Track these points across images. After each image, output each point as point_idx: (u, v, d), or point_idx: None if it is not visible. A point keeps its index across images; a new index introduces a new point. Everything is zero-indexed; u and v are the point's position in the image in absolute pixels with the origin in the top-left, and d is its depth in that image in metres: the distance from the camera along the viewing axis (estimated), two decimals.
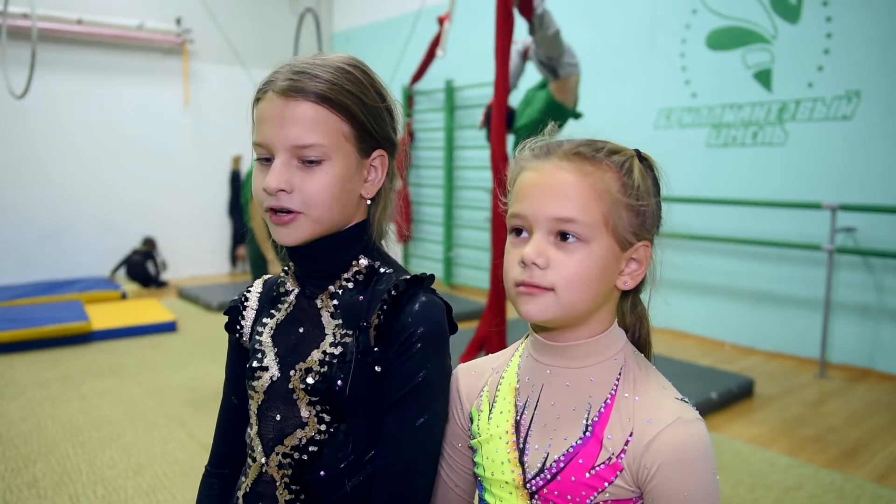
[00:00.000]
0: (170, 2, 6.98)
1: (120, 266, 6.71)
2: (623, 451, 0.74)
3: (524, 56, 3.74)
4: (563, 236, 0.76)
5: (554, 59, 3.29)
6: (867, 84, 3.88)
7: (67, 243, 6.60)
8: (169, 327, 4.99)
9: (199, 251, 7.39)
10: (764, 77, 4.34)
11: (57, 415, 3.33)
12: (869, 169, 3.90)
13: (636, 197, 0.77)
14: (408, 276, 0.85)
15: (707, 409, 3.27)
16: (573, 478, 0.76)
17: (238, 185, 7.32)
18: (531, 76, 4.59)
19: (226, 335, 1.01)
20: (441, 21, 3.86)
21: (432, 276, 0.87)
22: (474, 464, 0.87)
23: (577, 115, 3.49)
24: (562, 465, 0.76)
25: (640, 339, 0.86)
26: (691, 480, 0.72)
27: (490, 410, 0.86)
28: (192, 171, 7.26)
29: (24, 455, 2.88)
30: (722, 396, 3.40)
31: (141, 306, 5.53)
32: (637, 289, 0.83)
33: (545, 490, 0.77)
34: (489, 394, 0.87)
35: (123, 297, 5.96)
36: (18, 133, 6.28)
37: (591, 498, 0.75)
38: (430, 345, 0.83)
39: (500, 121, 3.13)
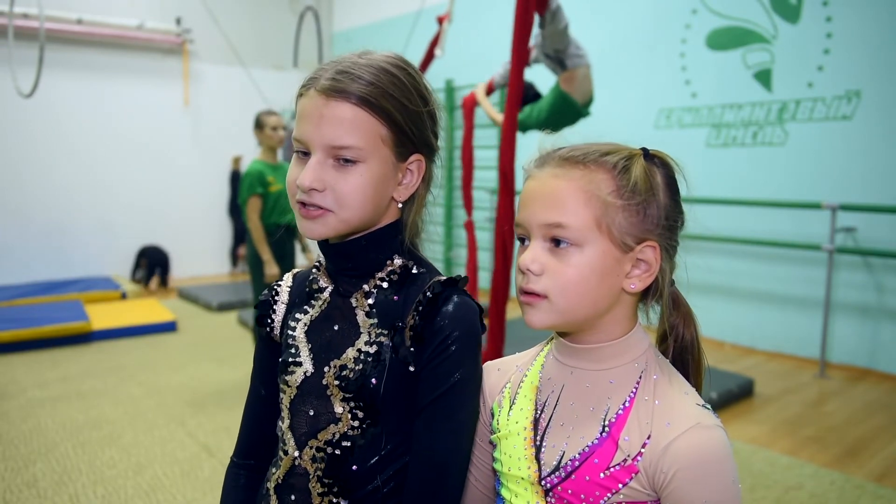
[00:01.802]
0: (170, 2, 6.98)
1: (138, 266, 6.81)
2: (640, 453, 0.74)
3: None
4: (557, 242, 0.76)
5: (561, 52, 3.29)
6: (867, 84, 3.88)
7: (67, 243, 6.60)
8: (169, 327, 4.99)
9: (199, 251, 7.39)
10: (764, 77, 4.34)
11: (57, 415, 3.33)
12: (869, 169, 3.90)
13: (631, 197, 0.76)
14: (442, 278, 0.86)
15: None
16: (587, 477, 0.76)
17: (238, 185, 7.32)
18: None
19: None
20: (440, 21, 3.85)
21: (466, 279, 0.88)
22: (494, 459, 0.88)
23: (585, 113, 3.46)
24: (577, 463, 0.77)
25: (683, 343, 0.84)
26: (709, 487, 0.71)
27: (510, 407, 0.87)
28: (192, 171, 7.26)
29: (24, 455, 2.88)
30: (722, 396, 3.40)
31: (141, 306, 5.53)
32: (653, 291, 0.82)
33: (559, 488, 0.78)
34: (511, 390, 0.88)
35: (123, 297, 5.96)
36: (19, 133, 6.28)
37: (605, 498, 0.75)
38: (465, 347, 0.83)
39: (511, 129, 3.05)
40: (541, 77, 4.04)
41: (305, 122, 0.83)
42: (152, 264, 6.81)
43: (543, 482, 0.79)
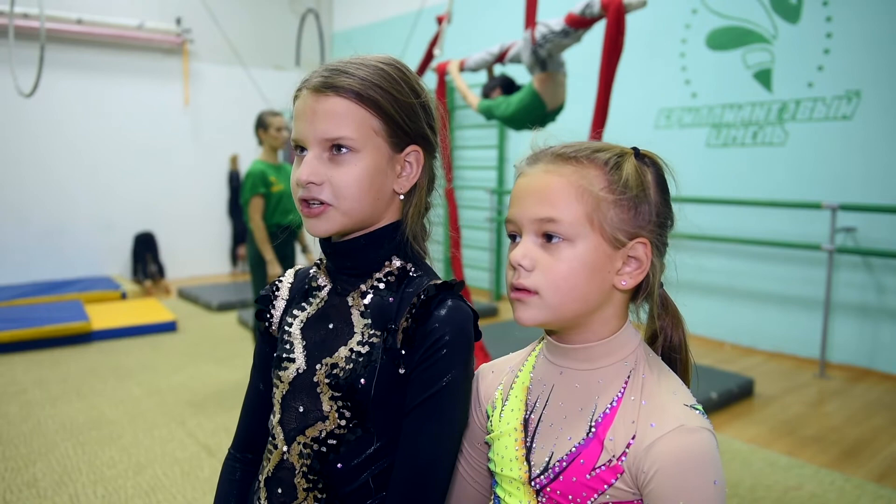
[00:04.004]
0: (170, 2, 6.98)
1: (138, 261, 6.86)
2: (624, 453, 0.74)
3: (499, 57, 3.71)
4: (549, 237, 0.76)
5: (550, 57, 3.32)
6: (867, 84, 3.88)
7: (67, 243, 6.60)
8: (169, 327, 4.99)
9: (199, 251, 7.39)
10: (764, 77, 4.34)
11: (57, 415, 3.33)
12: (869, 169, 3.90)
13: (622, 192, 0.76)
14: (437, 282, 0.86)
15: (707, 409, 3.26)
16: (574, 478, 0.76)
17: (237, 184, 7.32)
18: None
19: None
20: (440, 21, 3.85)
21: (462, 283, 0.89)
22: (489, 459, 0.89)
23: (551, 118, 3.48)
24: (564, 464, 0.77)
25: (672, 344, 0.84)
26: (688, 489, 0.70)
27: (502, 408, 0.87)
28: (192, 171, 7.26)
29: (24, 455, 2.88)
30: (722, 396, 3.40)
31: (141, 306, 5.54)
32: (643, 290, 0.81)
33: (549, 489, 0.78)
34: (503, 391, 0.89)
35: (123, 297, 5.96)
36: (18, 133, 6.28)
37: (592, 499, 0.75)
38: (456, 351, 0.84)
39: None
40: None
41: (300, 120, 0.86)
42: (142, 251, 6.82)
43: (533, 483, 0.80)
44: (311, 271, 0.97)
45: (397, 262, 0.90)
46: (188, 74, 7.12)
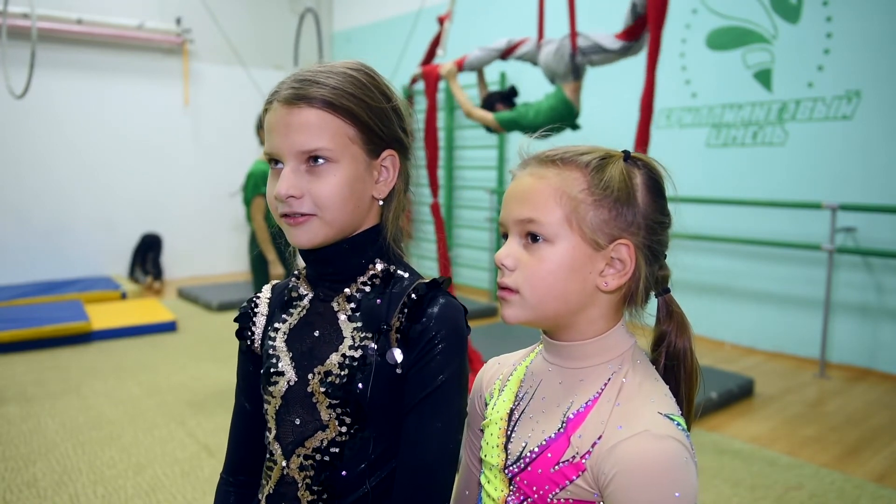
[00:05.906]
0: (170, 2, 6.98)
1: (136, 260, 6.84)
2: (588, 451, 0.74)
3: (504, 53, 3.70)
4: (534, 238, 0.78)
5: (584, 68, 3.39)
6: (867, 84, 3.88)
7: (67, 243, 6.60)
8: (169, 327, 4.99)
9: (198, 251, 7.39)
10: (764, 77, 4.34)
11: (57, 415, 3.33)
12: (869, 169, 3.90)
13: (602, 194, 0.77)
14: (425, 280, 0.87)
15: (707, 408, 3.28)
16: (540, 470, 0.78)
17: None
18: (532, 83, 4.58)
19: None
20: (441, 21, 3.85)
21: (449, 280, 0.90)
22: (480, 447, 0.91)
23: (577, 126, 3.54)
24: (534, 456, 0.79)
25: (675, 351, 0.84)
26: (645, 496, 0.69)
27: (497, 397, 0.90)
28: (192, 171, 7.26)
29: (24, 455, 2.88)
30: (722, 396, 3.40)
31: (141, 306, 5.53)
32: (632, 294, 0.81)
33: (519, 478, 0.80)
34: (501, 382, 0.91)
35: (123, 297, 5.96)
36: (18, 133, 6.28)
37: (553, 493, 0.76)
38: (451, 347, 0.84)
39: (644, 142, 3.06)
40: (519, 76, 4.03)
41: (273, 134, 0.85)
42: (144, 250, 6.84)
43: (507, 471, 0.82)
44: (290, 283, 0.97)
45: (380, 265, 0.90)
46: (188, 74, 7.12)
